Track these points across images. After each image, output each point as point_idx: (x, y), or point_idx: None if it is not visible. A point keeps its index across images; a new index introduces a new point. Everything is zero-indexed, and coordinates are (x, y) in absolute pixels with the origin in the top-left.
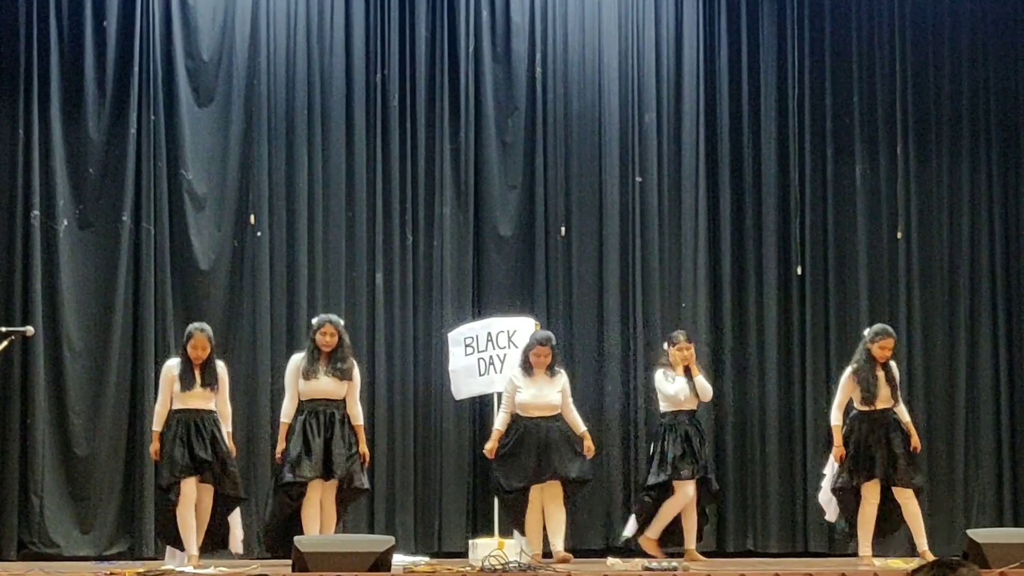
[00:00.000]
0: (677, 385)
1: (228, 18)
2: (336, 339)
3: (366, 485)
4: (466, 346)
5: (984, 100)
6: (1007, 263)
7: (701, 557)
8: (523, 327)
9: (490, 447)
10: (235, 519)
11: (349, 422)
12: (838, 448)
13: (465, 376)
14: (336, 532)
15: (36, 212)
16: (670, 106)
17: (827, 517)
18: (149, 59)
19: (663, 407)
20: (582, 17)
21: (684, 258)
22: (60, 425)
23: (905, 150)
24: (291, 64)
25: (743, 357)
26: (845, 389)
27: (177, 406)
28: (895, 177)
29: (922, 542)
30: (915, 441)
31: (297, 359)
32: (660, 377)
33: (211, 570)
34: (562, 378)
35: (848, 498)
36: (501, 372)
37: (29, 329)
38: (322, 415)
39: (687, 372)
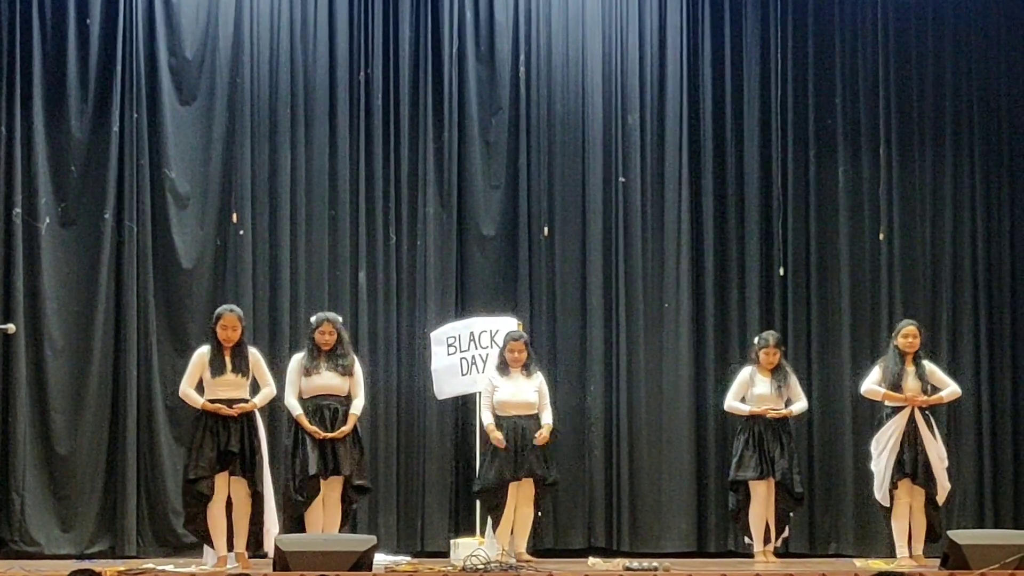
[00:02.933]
0: (761, 386)
1: (211, 17)
2: (335, 337)
3: (369, 484)
4: (448, 345)
5: (967, 102)
6: (989, 265)
7: (774, 559)
8: (505, 327)
9: (498, 436)
10: (271, 517)
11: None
12: (906, 395)
13: (447, 376)
14: (343, 531)
15: (18, 210)
16: (653, 107)
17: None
18: (132, 57)
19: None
20: (566, 18)
21: (667, 259)
22: (41, 423)
23: (888, 152)
24: (274, 63)
25: (725, 357)
26: (873, 375)
27: (207, 396)
28: (877, 179)
29: (917, 547)
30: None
31: (298, 358)
32: (744, 375)
33: (192, 568)
34: (538, 378)
35: None
36: (483, 372)
37: (10, 327)
38: (327, 411)
39: (773, 373)
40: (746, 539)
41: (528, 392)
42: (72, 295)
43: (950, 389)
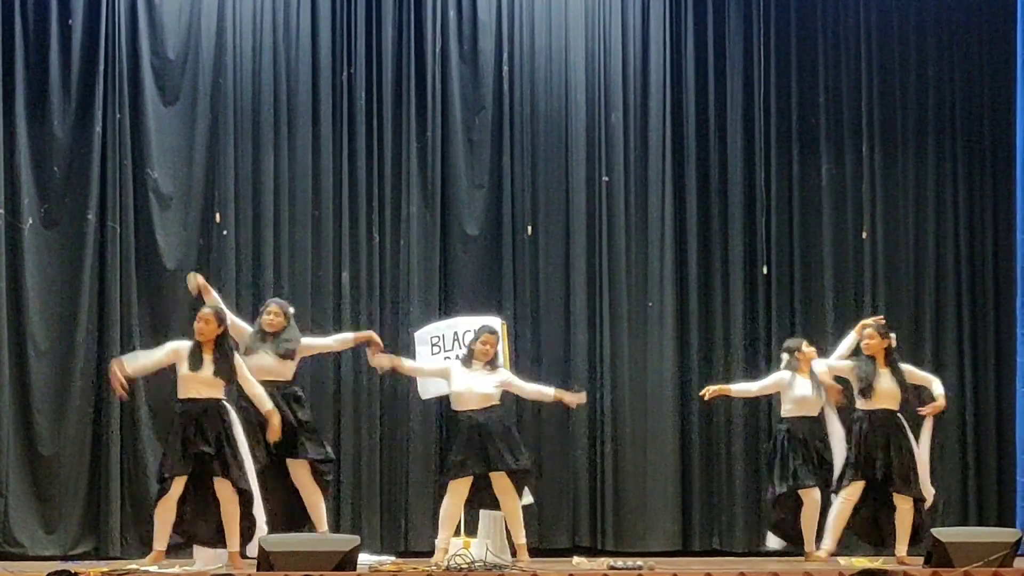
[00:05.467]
0: (803, 388)
1: (194, 16)
2: (281, 318)
3: (321, 456)
4: (432, 345)
5: (950, 100)
6: (972, 263)
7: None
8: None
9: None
10: (260, 515)
11: (294, 399)
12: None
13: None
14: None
15: (0, 211)
16: (637, 106)
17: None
18: (115, 57)
19: (785, 411)
20: (549, 16)
21: (651, 257)
22: (25, 424)
23: (871, 150)
24: (257, 62)
25: (709, 356)
26: (843, 369)
27: (181, 395)
28: (861, 177)
29: (901, 548)
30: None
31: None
32: (784, 378)
33: (176, 569)
34: (503, 374)
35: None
36: None
37: None
38: (274, 399)
39: (812, 376)
40: (774, 543)
41: (486, 386)
42: (55, 296)
43: (936, 385)
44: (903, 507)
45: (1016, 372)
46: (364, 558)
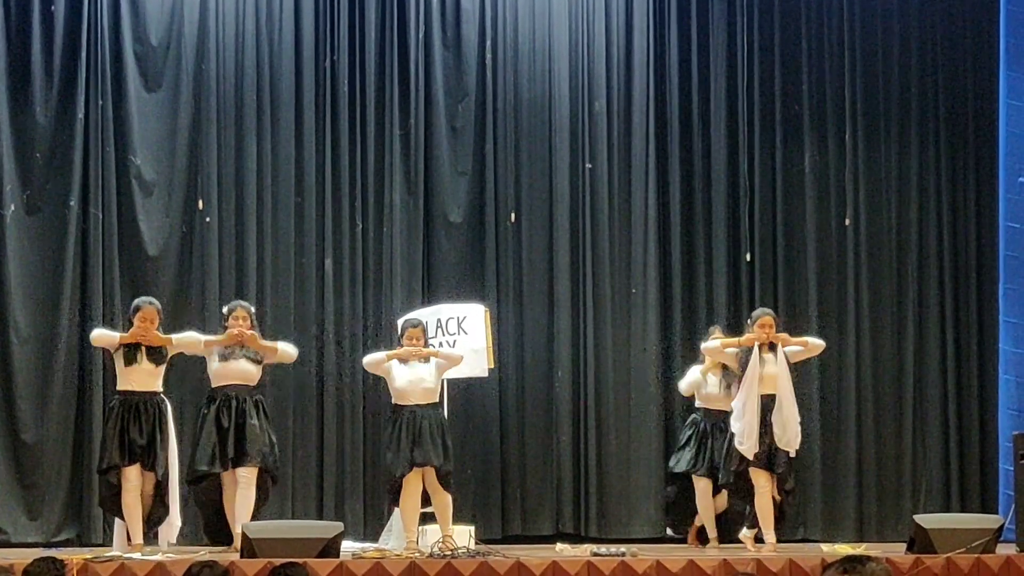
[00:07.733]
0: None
1: (177, 2)
2: (248, 323)
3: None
4: None
5: (932, 89)
6: (954, 250)
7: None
8: (473, 313)
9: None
10: (175, 506)
11: (262, 406)
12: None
13: None
14: (255, 520)
15: None
16: (620, 93)
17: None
18: (97, 44)
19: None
20: (532, 3)
21: (634, 244)
22: (7, 411)
23: (854, 138)
24: (240, 49)
25: (692, 343)
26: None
27: (120, 387)
28: (844, 165)
29: (769, 535)
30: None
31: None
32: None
33: (159, 556)
34: (433, 362)
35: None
36: None
37: None
38: (235, 401)
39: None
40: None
41: (427, 379)
42: (37, 283)
43: (813, 339)
44: (763, 486)
45: (998, 359)
46: (347, 545)
